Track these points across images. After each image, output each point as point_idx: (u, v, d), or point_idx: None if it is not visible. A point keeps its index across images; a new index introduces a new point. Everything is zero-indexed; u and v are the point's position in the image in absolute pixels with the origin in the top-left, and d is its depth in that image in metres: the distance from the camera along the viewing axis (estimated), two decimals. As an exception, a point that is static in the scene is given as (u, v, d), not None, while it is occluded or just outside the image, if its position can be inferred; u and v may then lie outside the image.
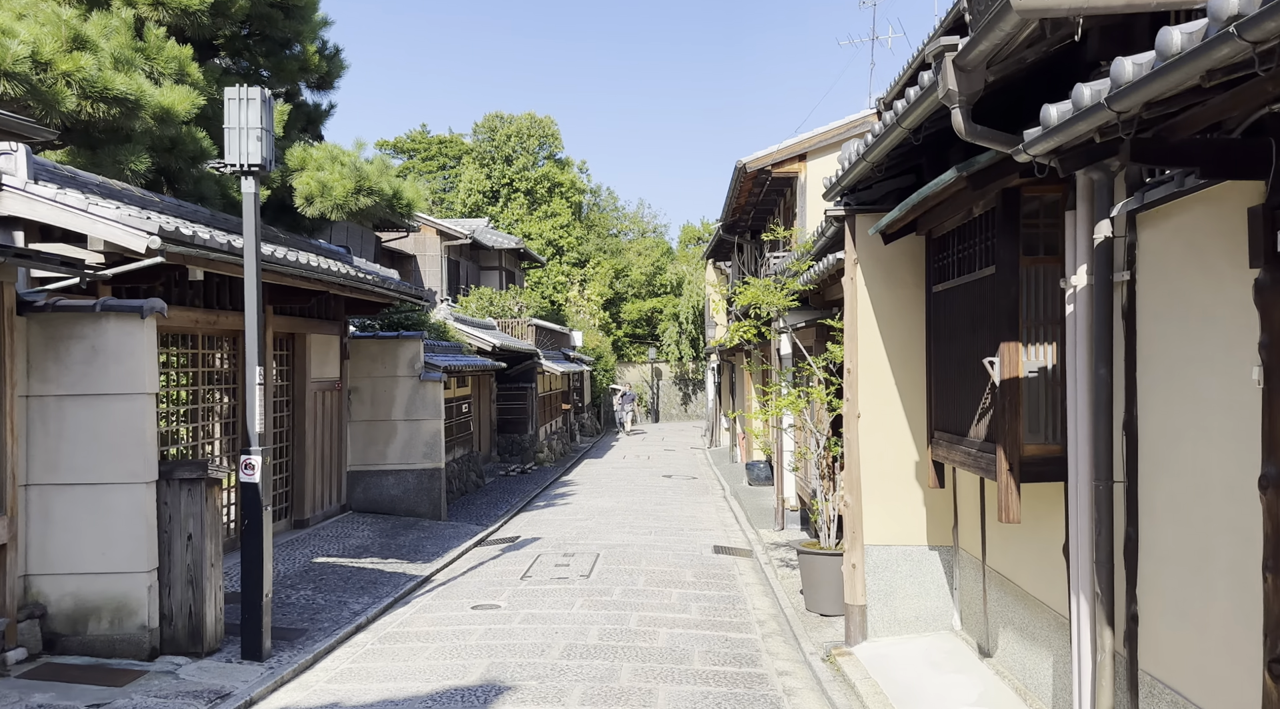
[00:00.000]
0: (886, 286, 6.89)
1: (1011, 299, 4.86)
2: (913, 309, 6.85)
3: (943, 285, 6.07)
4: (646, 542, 11.93)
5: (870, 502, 6.89)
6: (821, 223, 7.67)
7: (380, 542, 11.40)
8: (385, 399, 13.12)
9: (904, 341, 6.87)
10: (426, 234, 30.02)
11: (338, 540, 11.18)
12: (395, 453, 13.14)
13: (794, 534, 12.04)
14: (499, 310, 25.23)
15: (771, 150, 16.82)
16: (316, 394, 12.04)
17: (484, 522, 13.57)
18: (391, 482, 13.12)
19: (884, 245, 6.79)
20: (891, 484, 6.89)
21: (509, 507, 15.22)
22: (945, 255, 6.08)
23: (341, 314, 12.71)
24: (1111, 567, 4.22)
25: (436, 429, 13.24)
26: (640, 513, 14.64)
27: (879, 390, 6.89)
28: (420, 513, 13.13)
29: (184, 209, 8.78)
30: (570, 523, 13.61)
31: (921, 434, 6.80)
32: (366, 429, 13.11)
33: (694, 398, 45.19)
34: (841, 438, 8.27)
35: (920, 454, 6.85)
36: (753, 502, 15.20)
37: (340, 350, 12.71)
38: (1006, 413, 4.85)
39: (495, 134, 45.77)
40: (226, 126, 6.72)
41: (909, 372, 6.86)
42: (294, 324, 11.38)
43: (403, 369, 13.15)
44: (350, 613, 8.26)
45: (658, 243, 51.28)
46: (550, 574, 9.95)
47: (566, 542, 11.97)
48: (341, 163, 10.17)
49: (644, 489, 17.98)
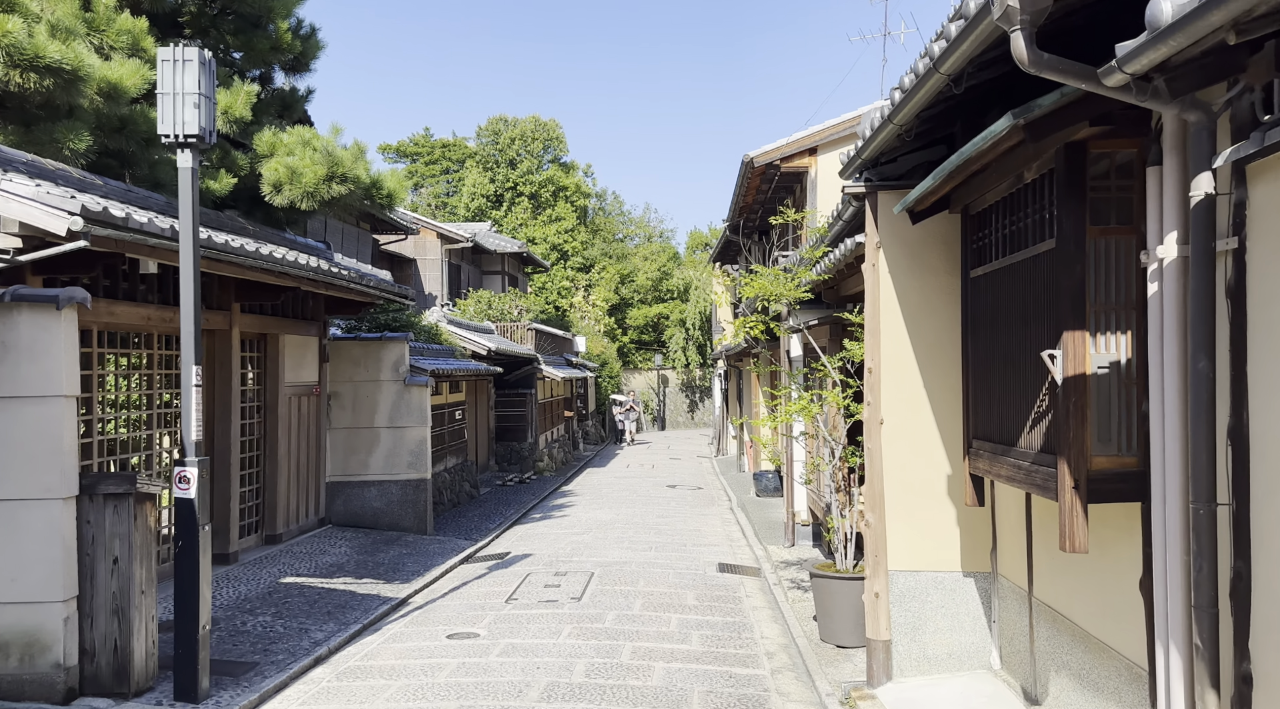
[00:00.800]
0: (913, 274, 6.01)
1: (1077, 278, 3.98)
2: (944, 299, 5.97)
3: (983, 269, 5.19)
4: (646, 559, 11.04)
5: (895, 521, 6.00)
6: (838, 205, 6.80)
7: (357, 559, 10.53)
8: (368, 405, 12.27)
9: (934, 337, 5.98)
10: (426, 237, 29.31)
11: (311, 558, 10.32)
12: (378, 462, 12.29)
13: (805, 551, 11.13)
14: (498, 314, 24.41)
15: (780, 144, 15.98)
16: (291, 399, 11.20)
17: (473, 536, 12.69)
18: (374, 493, 12.27)
19: (911, 226, 5.92)
20: (919, 500, 6.00)
21: (502, 519, 14.35)
22: (986, 233, 5.20)
23: (321, 314, 11.88)
24: (1215, 612, 3.33)
25: (422, 437, 12.38)
26: (641, 526, 13.76)
27: (905, 393, 6.01)
28: (404, 527, 12.27)
29: (133, 195, 7.97)
30: (565, 537, 12.73)
31: (955, 443, 5.91)
32: (347, 437, 12.26)
33: (701, 405, 44.28)
34: (860, 447, 7.38)
35: (953, 466, 5.96)
36: (761, 514, 14.30)
37: (319, 353, 11.88)
38: (1071, 418, 3.96)
39: (499, 137, 45.08)
40: (160, 91, 5.90)
41: (939, 371, 5.97)
42: (265, 324, 10.55)
43: (387, 373, 12.31)
44: (310, 643, 7.39)
45: (664, 248, 50.45)
46: (538, 596, 9.07)
47: (559, 559, 11.09)
48: (313, 147, 9.36)
49: (646, 500, 17.09)
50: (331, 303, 11.90)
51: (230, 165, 9.78)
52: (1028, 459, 4.47)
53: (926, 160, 6.00)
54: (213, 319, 9.47)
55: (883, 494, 5.98)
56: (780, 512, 14.37)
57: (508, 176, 44.26)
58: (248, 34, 10.10)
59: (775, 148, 16.11)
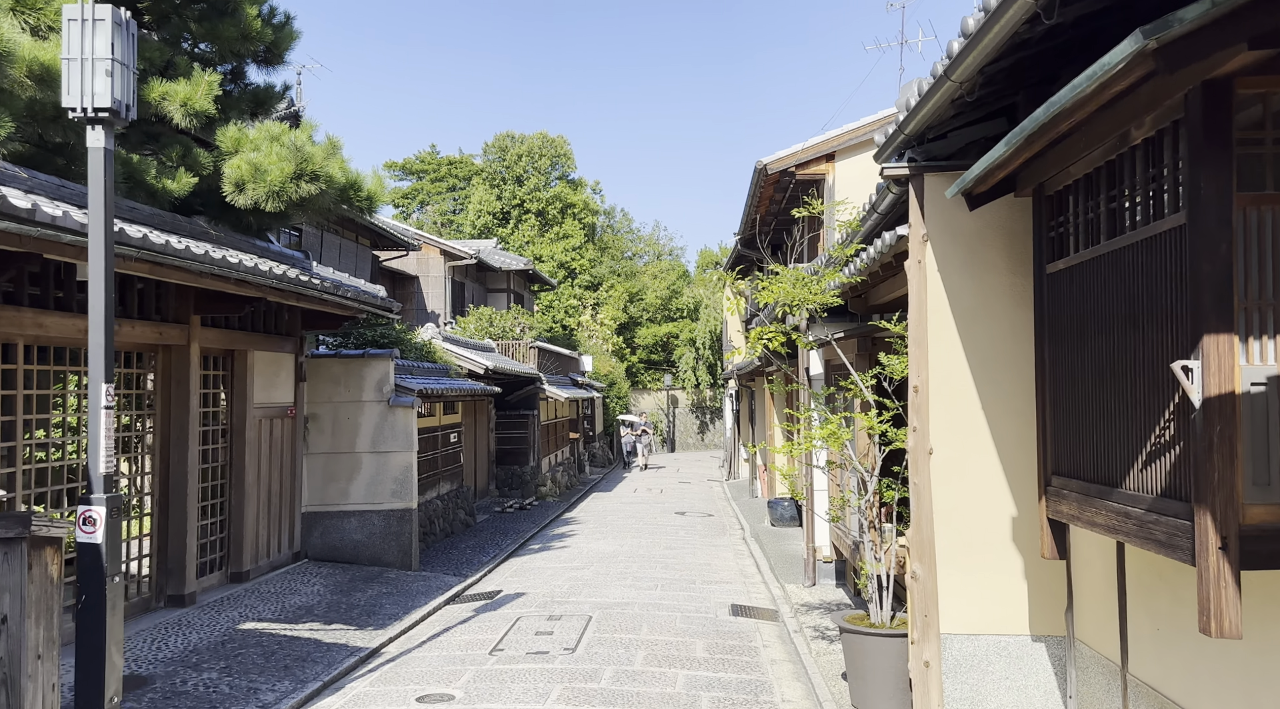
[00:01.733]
0: (968, 272, 4.97)
1: (1221, 262, 2.94)
2: (1006, 302, 4.93)
3: (1066, 261, 4.15)
4: (651, 599, 9.95)
5: (949, 572, 4.93)
6: (871, 195, 5.78)
7: (330, 600, 9.48)
8: (348, 427, 11.27)
9: (994, 348, 4.94)
10: (429, 254, 28.50)
11: (278, 599, 9.28)
12: (359, 491, 11.26)
13: (828, 591, 10.03)
14: (499, 331, 23.44)
15: (795, 149, 15.01)
16: (262, 422, 10.21)
17: (463, 571, 11.63)
18: (354, 525, 11.23)
19: (965, 215, 4.90)
20: (978, 548, 4.93)
21: (497, 551, 13.28)
22: (1069, 218, 4.17)
23: (297, 329, 10.91)
24: None
25: (408, 463, 11.36)
26: (646, 560, 12.67)
27: (959, 416, 4.95)
28: (387, 561, 11.22)
29: (66, 190, 7.02)
30: (564, 573, 11.65)
31: (1025, 479, 4.85)
32: (326, 463, 11.25)
33: (711, 426, 43.16)
34: (896, 478, 6.31)
35: (1021, 507, 4.89)
36: (777, 547, 13.19)
37: (295, 371, 10.90)
38: (1215, 452, 2.91)
39: (506, 154, 44.37)
40: (65, 57, 4.95)
41: (1001, 390, 4.92)
42: (232, 339, 9.58)
43: (369, 393, 11.31)
44: (257, 707, 6.34)
45: (674, 266, 49.51)
46: (527, 646, 8.00)
47: (555, 598, 10.01)
48: (280, 142, 8.44)
49: (654, 529, 15.99)
50: (309, 317, 10.94)
51: (192, 164, 8.85)
52: (1140, 505, 3.41)
53: (982, 136, 4.99)
54: (168, 333, 8.50)
55: (933, 540, 4.92)
56: (798, 544, 13.26)
57: (514, 194, 43.49)
58: (213, 21, 9.20)
59: (790, 153, 15.14)
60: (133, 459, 8.58)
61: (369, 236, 23.32)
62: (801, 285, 5.98)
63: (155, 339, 8.36)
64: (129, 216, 7.38)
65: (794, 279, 6.10)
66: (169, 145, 9.05)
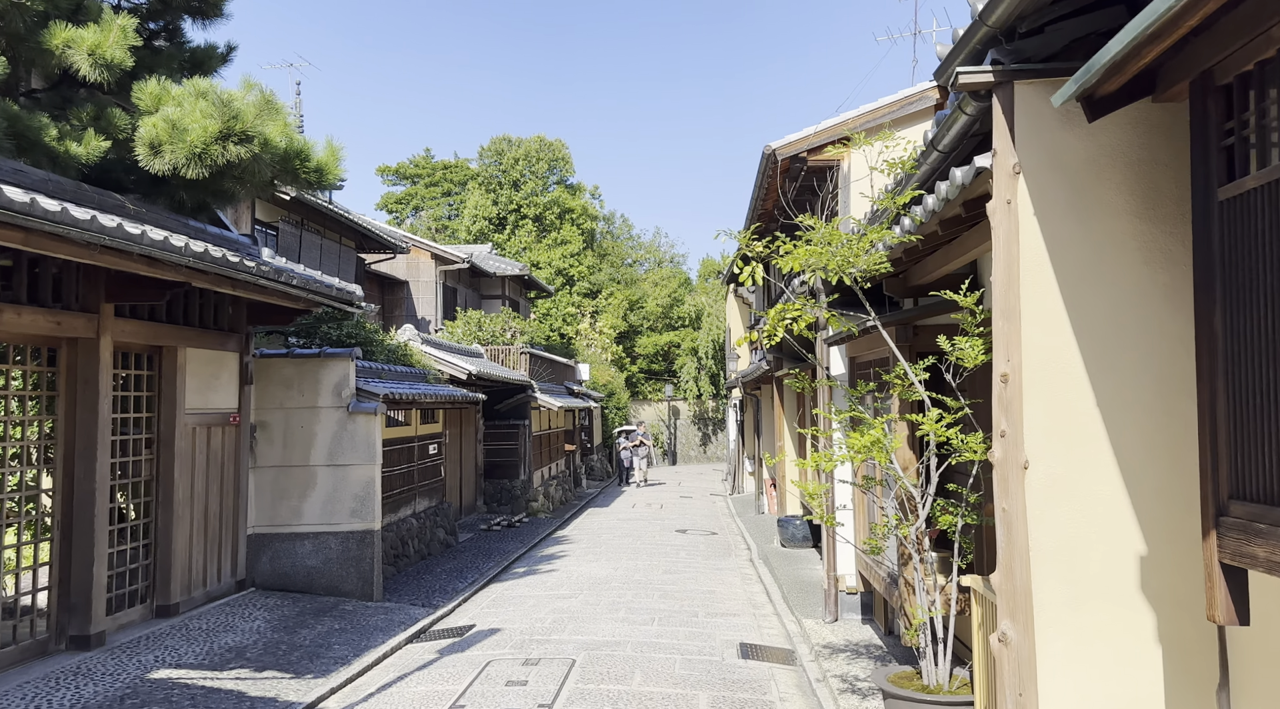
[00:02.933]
0: (1076, 218, 3.60)
1: None
2: (1132, 257, 3.56)
3: (1260, 177, 2.77)
4: (646, 636, 8.54)
5: (1052, 635, 3.53)
6: (928, 131, 4.41)
7: (269, 639, 8.08)
8: (302, 438, 9.89)
9: (1114, 321, 3.56)
10: (419, 257, 27.27)
11: (207, 638, 7.88)
12: (314, 510, 9.87)
13: (853, 628, 8.61)
14: (489, 336, 22.09)
15: (807, 133, 13.65)
16: (197, 431, 8.84)
17: (434, 601, 10.22)
18: (308, 549, 9.83)
19: (1073, 138, 3.54)
20: (1093, 602, 3.54)
21: (477, 576, 11.87)
22: (1262, 110, 2.79)
23: (242, 324, 9.56)
24: None
25: (369, 477, 9.97)
26: (643, 586, 11.25)
27: (1065, 417, 3.57)
28: (345, 591, 9.81)
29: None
30: (548, 603, 10.24)
31: (1160, 504, 3.47)
32: (277, 477, 9.86)
33: (714, 438, 41.71)
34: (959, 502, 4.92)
35: (1153, 543, 3.51)
36: (789, 571, 11.77)
37: (239, 372, 9.53)
38: None
39: (503, 158, 43.16)
40: None
41: (1126, 378, 3.55)
42: (157, 333, 8.22)
43: (326, 397, 9.93)
44: (135, 794, 4.94)
45: (675, 273, 48.15)
46: (495, 701, 6.59)
47: (535, 636, 8.60)
48: (206, 99, 7.12)
49: (652, 549, 14.57)
50: (256, 310, 9.59)
51: (106, 126, 7.53)
52: None
53: (1091, 31, 3.63)
54: (70, 323, 7.14)
55: (1029, 590, 3.53)
56: (813, 568, 11.85)
57: (511, 198, 42.25)
58: (138, -34, 7.92)
59: (801, 138, 13.78)
60: (22, 472, 7.18)
61: (354, 237, 22.05)
62: (843, 248, 4.57)
63: (52, 330, 6.99)
64: (10, 179, 6.03)
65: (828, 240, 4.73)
66: (80, 105, 7.73)
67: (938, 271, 5.72)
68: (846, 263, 4.65)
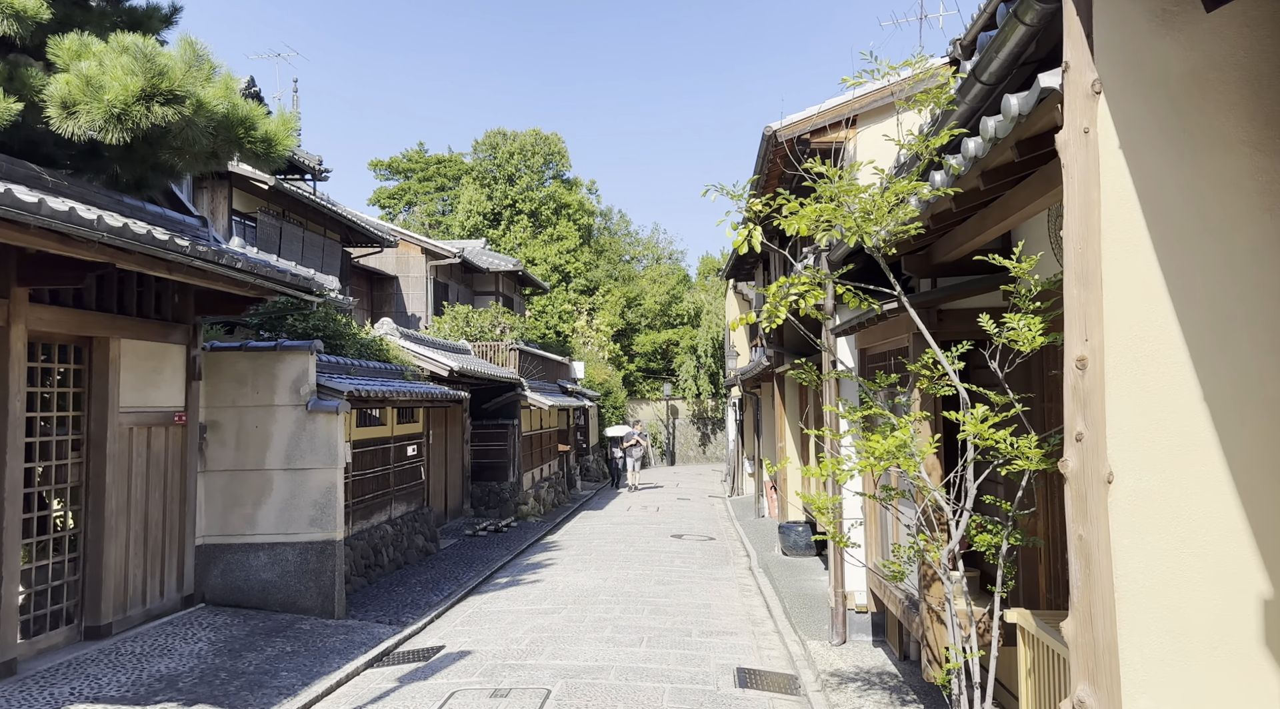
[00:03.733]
0: (1174, 152, 2.73)
1: None
2: (1250, 202, 2.69)
3: None
4: (632, 660, 7.66)
5: (1144, 703, 2.66)
6: (970, 63, 3.52)
7: (210, 664, 7.20)
8: (257, 439, 9.02)
9: (1226, 287, 2.69)
10: (409, 252, 26.45)
11: (138, 664, 7.01)
12: (269, 518, 8.99)
13: (863, 652, 7.74)
14: (476, 332, 21.21)
15: (809, 113, 12.78)
16: (135, 432, 7.97)
17: (403, 618, 9.34)
18: (263, 561, 8.96)
19: (1169, 47, 2.67)
20: (1203, 661, 2.66)
21: (454, 587, 10.99)
22: None
23: (189, 313, 8.69)
24: None
25: (330, 482, 9.09)
26: (633, 600, 10.38)
27: (1161, 417, 2.70)
28: (303, 607, 8.93)
29: None
30: (529, 619, 9.36)
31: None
32: (229, 483, 8.99)
33: (713, 438, 40.82)
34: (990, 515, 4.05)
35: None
36: (791, 583, 10.90)
37: (186, 367, 8.66)
38: None
39: (497, 152, 42.24)
40: None
41: (1243, 364, 2.68)
42: (84, 321, 7.35)
43: (283, 395, 9.06)
44: None
45: (674, 270, 47.22)
46: (454, 743, 5.72)
47: (509, 660, 7.73)
48: (126, 52, 6.25)
49: (645, 557, 13.70)
50: (205, 299, 8.72)
51: (20, 87, 6.66)
52: None
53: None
54: (-27, 309, 6.28)
55: (1114, 643, 2.65)
56: (817, 578, 10.98)
57: (506, 193, 41.34)
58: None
59: (804, 118, 12.91)
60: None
61: (339, 230, 21.21)
62: (869, 203, 3.64)
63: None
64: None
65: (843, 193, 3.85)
66: (-9, 63, 6.85)
67: (967, 245, 4.85)
68: (868, 221, 3.76)
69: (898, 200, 3.70)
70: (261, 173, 16.09)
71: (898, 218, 3.71)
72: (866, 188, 3.88)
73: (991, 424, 3.43)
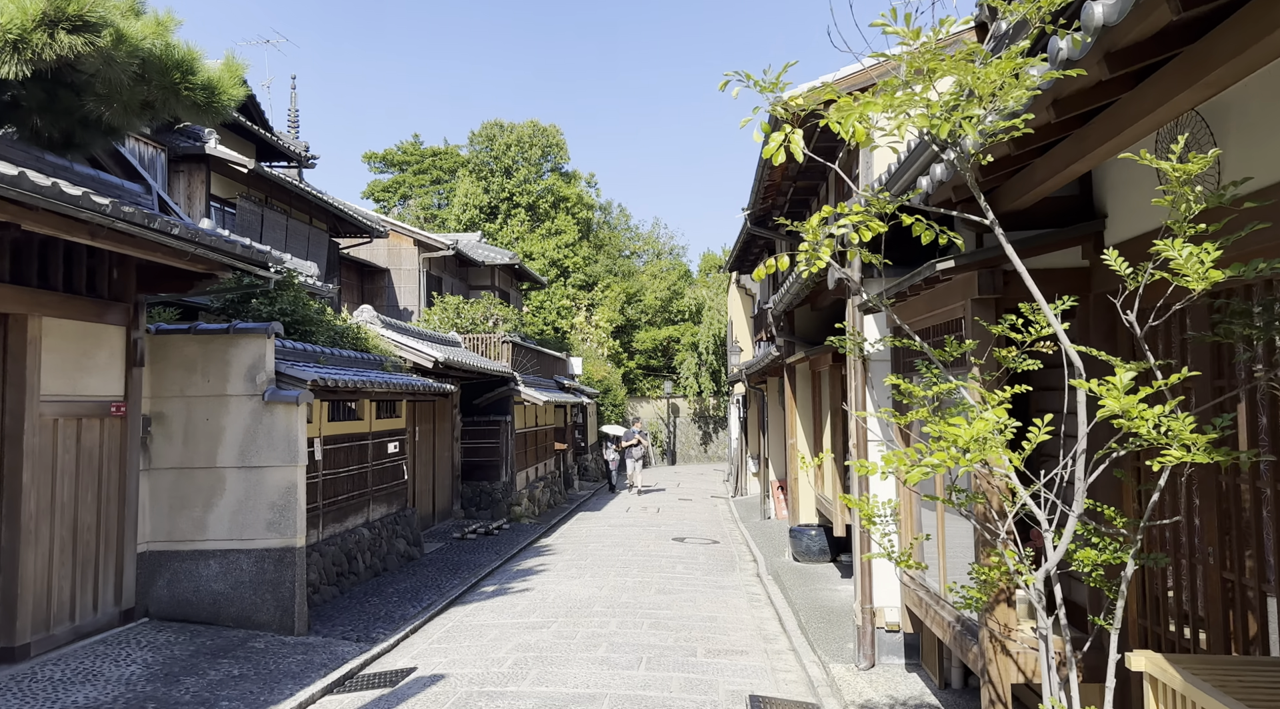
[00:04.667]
0: None
1: None
2: None
3: None
4: (628, 687, 6.66)
5: None
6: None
7: (139, 693, 6.20)
8: (208, 432, 8.02)
9: None
10: (401, 243, 25.46)
11: (54, 692, 6.01)
12: (222, 522, 8.00)
13: (896, 678, 6.73)
14: (467, 323, 20.22)
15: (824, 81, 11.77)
16: (61, 424, 6.97)
17: (373, 633, 8.34)
18: (214, 570, 7.96)
19: None
20: None
21: (435, 597, 9.99)
22: None
23: (129, 290, 7.69)
24: None
25: (290, 482, 8.09)
26: (631, 611, 9.38)
27: None
28: (260, 621, 7.93)
29: None
30: (514, 635, 8.37)
31: None
32: (176, 482, 7.99)
33: (715, 437, 39.82)
34: (1125, 539, 3.05)
35: None
36: (806, 593, 9.89)
37: (126, 351, 7.67)
38: None
39: (494, 143, 41.26)
40: None
41: None
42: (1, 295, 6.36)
43: (237, 383, 8.06)
44: None
45: (675, 265, 46.23)
46: (411, 797, 4.73)
47: (487, 685, 6.73)
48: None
49: (644, 563, 12.70)
50: (148, 274, 7.73)
51: None
52: None
53: None
54: None
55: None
56: (834, 589, 9.97)
57: (503, 186, 40.36)
58: None
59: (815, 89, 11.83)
60: None
61: (326, 219, 20.24)
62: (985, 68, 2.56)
63: None
64: None
65: (924, 64, 2.85)
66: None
67: (1045, 183, 3.87)
68: (973, 102, 2.67)
69: (1012, 73, 2.63)
70: (244, 157, 15.13)
71: (1023, 90, 2.61)
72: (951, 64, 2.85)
73: (1140, 399, 2.43)
